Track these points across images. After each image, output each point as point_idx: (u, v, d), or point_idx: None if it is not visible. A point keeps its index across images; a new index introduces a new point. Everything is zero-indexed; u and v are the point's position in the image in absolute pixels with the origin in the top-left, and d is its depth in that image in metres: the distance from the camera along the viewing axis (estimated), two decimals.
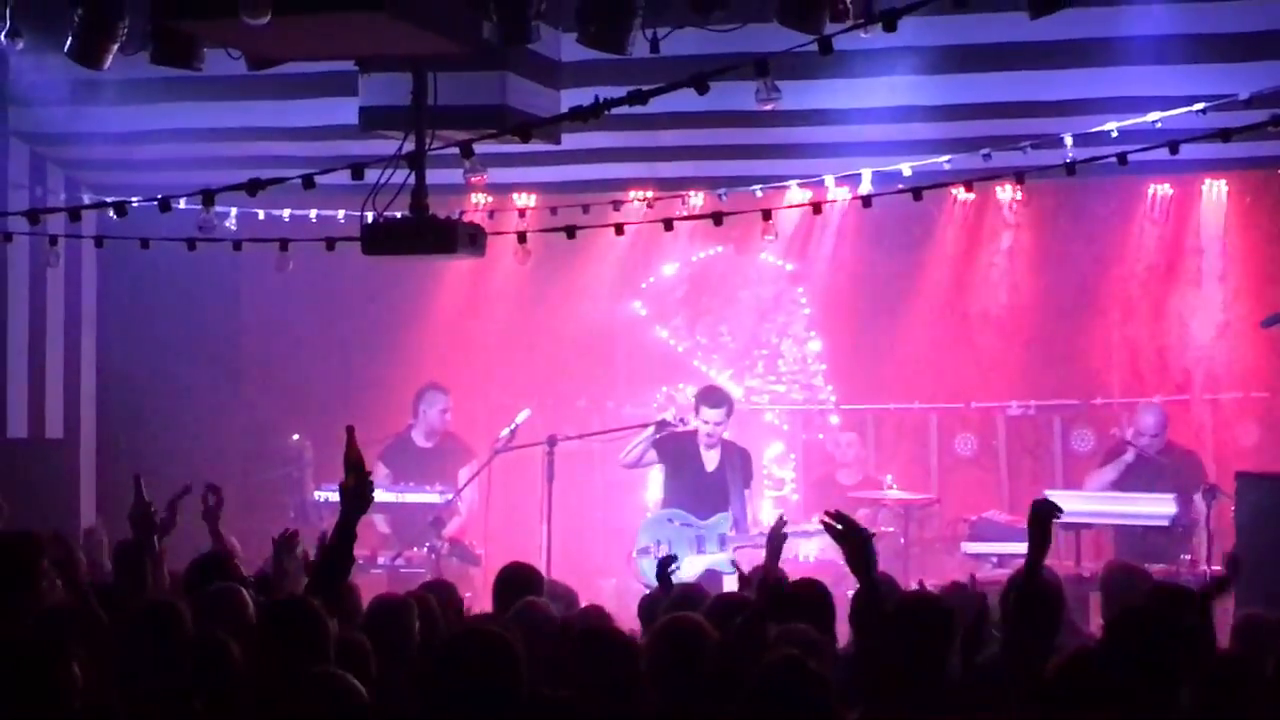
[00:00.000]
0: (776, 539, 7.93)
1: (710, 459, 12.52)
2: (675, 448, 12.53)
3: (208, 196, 9.38)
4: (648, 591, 9.34)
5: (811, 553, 13.00)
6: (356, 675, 6.15)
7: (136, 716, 5.71)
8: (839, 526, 6.60)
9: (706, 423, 12.43)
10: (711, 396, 12.62)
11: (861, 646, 6.70)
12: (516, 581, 8.19)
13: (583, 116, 7.82)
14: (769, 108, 8.13)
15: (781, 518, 8.48)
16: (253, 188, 8.95)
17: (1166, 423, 12.69)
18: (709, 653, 6.28)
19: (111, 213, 10.04)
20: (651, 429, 12.56)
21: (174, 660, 6.14)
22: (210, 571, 7.79)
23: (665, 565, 8.50)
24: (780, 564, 8.14)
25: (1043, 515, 6.66)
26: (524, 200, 13.54)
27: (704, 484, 12.47)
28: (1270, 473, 11.31)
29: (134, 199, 9.94)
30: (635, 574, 12.31)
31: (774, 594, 6.92)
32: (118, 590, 7.78)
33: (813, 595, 7.33)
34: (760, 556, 11.91)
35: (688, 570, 11.97)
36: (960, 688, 6.34)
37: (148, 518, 7.93)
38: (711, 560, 12.16)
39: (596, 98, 7.79)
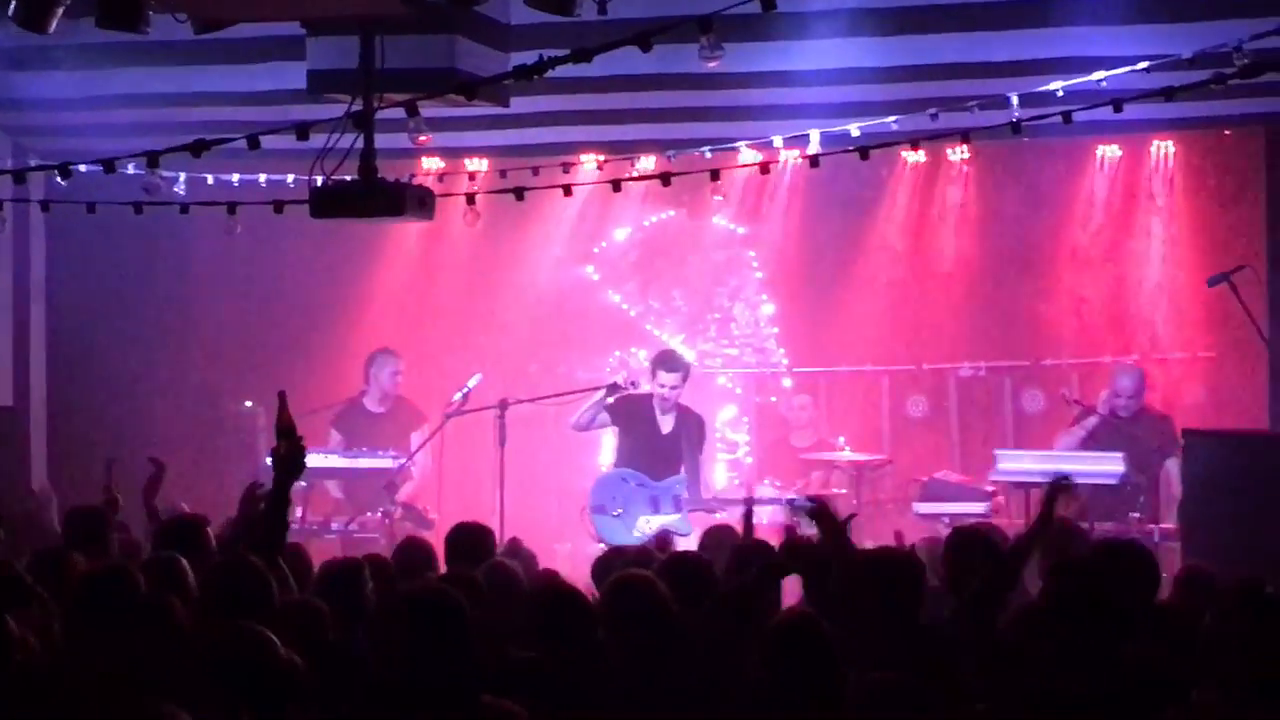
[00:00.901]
0: (748, 511, 8.42)
1: (666, 422, 12.56)
2: (629, 411, 12.56)
3: (152, 158, 9.36)
4: (602, 550, 9.40)
5: (765, 515, 13.05)
6: (311, 638, 6.23)
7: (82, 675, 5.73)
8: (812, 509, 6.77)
9: (663, 386, 12.46)
10: (668, 361, 12.65)
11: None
12: (467, 542, 8.22)
13: (527, 75, 7.82)
14: (712, 65, 8.13)
15: (749, 493, 8.64)
16: (198, 149, 8.93)
17: (1143, 386, 12.75)
18: (661, 607, 6.34)
19: (57, 175, 9.99)
20: (603, 392, 12.59)
21: (125, 621, 6.16)
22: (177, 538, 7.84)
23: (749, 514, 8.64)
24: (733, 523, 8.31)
25: (1058, 490, 6.76)
26: (475, 165, 13.53)
27: (659, 447, 12.50)
28: (1216, 431, 11.40)
29: (79, 164, 9.90)
30: (589, 531, 12.35)
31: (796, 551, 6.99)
32: (66, 552, 7.79)
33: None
34: (710, 520, 12.12)
35: (644, 529, 12.07)
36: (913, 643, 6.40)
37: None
38: (665, 520, 12.22)
39: (541, 57, 7.79)
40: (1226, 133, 13.34)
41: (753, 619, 6.23)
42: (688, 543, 11.22)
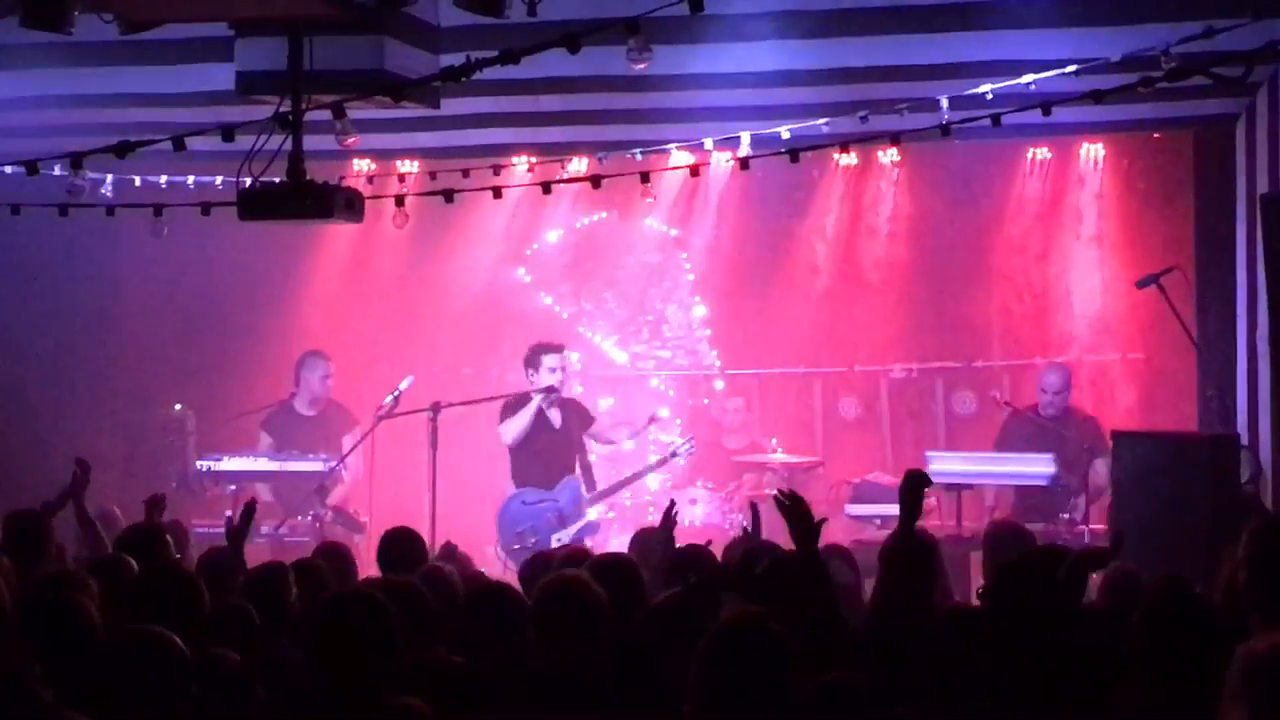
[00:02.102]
0: (668, 522, 8.28)
1: (555, 416, 12.60)
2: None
3: (76, 160, 9.29)
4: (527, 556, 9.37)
5: (698, 517, 13.09)
6: (239, 640, 6.24)
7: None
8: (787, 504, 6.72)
9: (553, 371, 12.48)
10: (550, 346, 12.72)
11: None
12: (400, 546, 8.21)
13: (455, 76, 7.80)
14: (641, 67, 8.13)
15: (672, 503, 8.56)
16: (122, 150, 8.87)
17: (1069, 383, 12.83)
18: (594, 608, 6.31)
19: None
20: (539, 396, 12.57)
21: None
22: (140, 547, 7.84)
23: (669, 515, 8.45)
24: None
25: (914, 484, 6.74)
26: (406, 167, 13.49)
27: (554, 445, 12.59)
28: (1146, 432, 11.47)
29: (1, 165, 9.81)
30: (510, 568, 11.83)
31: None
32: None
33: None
34: (613, 507, 12.23)
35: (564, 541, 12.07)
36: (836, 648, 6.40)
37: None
38: (574, 530, 12.26)
39: (468, 58, 7.76)
40: (1155, 136, 13.43)
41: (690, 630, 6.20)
42: (620, 543, 11.25)
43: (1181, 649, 5.56)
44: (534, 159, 12.92)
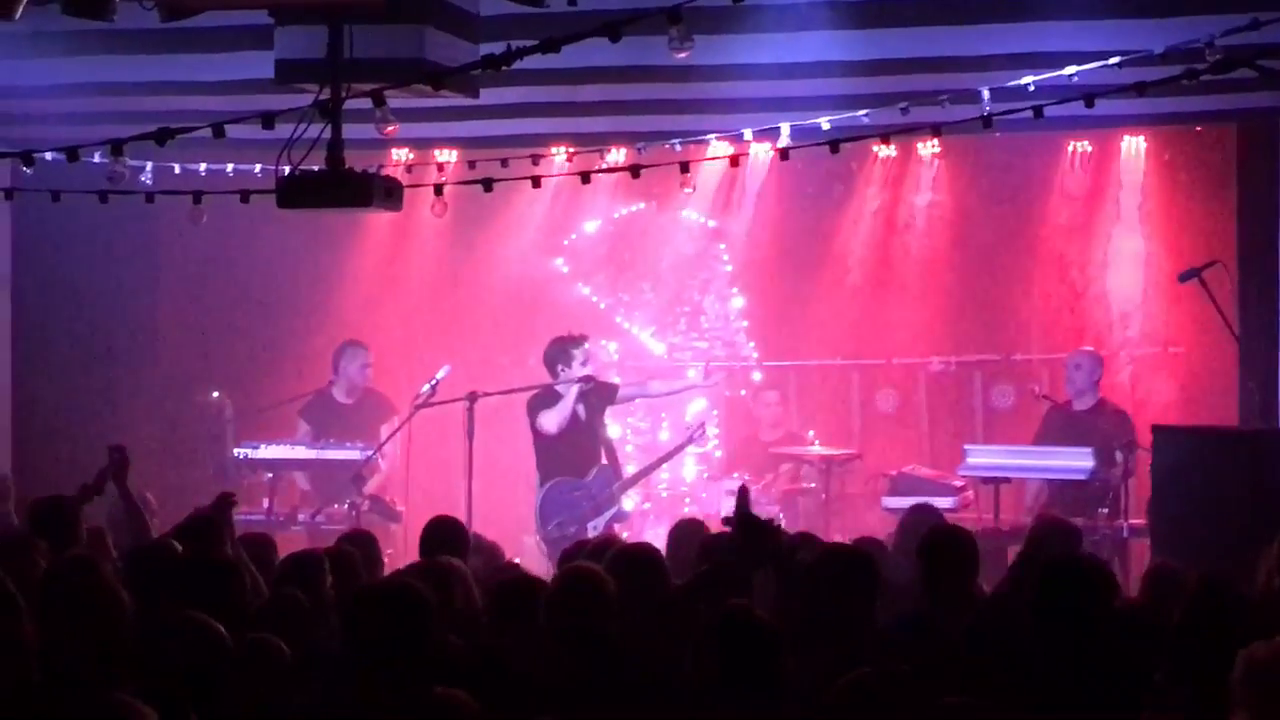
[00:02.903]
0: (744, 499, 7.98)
1: (580, 409, 12.59)
2: (548, 405, 12.60)
3: (116, 146, 9.29)
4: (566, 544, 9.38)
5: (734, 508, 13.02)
6: (289, 628, 6.26)
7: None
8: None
9: (584, 363, 12.50)
10: (575, 340, 12.68)
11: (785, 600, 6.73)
12: (441, 535, 8.21)
13: (495, 65, 7.77)
14: (682, 57, 8.09)
15: (745, 486, 8.40)
16: (162, 137, 8.87)
17: (1092, 366, 12.79)
18: (605, 601, 6.30)
19: (20, 163, 9.93)
20: (576, 388, 12.57)
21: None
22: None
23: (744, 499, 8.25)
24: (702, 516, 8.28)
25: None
26: (444, 156, 13.48)
27: (580, 438, 12.57)
28: (1186, 426, 11.41)
29: (43, 150, 9.83)
30: (550, 556, 11.92)
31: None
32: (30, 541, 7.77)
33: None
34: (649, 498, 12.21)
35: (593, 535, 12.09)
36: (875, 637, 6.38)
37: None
38: (607, 517, 12.28)
39: (508, 46, 7.74)
40: (1198, 129, 13.36)
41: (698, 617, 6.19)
42: (656, 535, 11.25)
43: (1221, 647, 5.52)
44: (572, 149, 12.89)
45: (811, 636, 6.24)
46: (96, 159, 10.37)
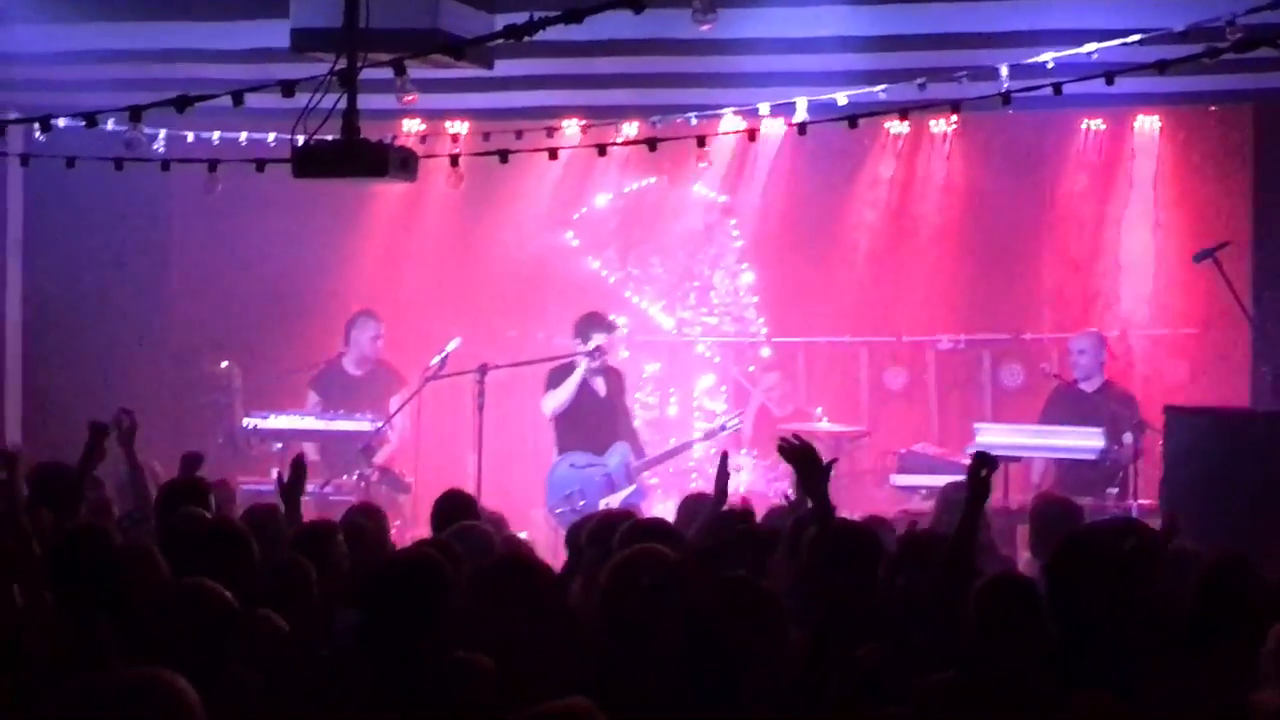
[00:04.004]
0: (723, 476, 8.06)
1: (600, 386, 12.57)
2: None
3: (135, 113, 9.22)
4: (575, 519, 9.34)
5: (742, 484, 13.03)
6: (297, 597, 6.24)
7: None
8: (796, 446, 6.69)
9: (600, 347, 12.50)
10: (600, 322, 12.67)
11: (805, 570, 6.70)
12: (454, 508, 8.19)
13: (517, 35, 7.71)
14: (706, 29, 8.07)
15: (724, 454, 8.43)
16: (181, 104, 8.82)
17: (1097, 348, 12.76)
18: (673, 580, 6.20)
19: (37, 129, 9.90)
20: (585, 362, 12.55)
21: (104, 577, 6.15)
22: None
23: (724, 467, 8.18)
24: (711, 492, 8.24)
25: (978, 465, 6.68)
26: (457, 127, 13.44)
27: (598, 414, 12.55)
28: (1198, 408, 11.38)
29: (59, 118, 9.81)
30: (555, 527, 12.13)
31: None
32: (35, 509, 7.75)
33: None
34: (662, 475, 12.20)
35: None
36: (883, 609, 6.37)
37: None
38: (623, 496, 12.23)
39: (531, 17, 7.70)
40: (1212, 108, 13.31)
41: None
42: (665, 509, 11.23)
43: (1240, 623, 5.52)
44: (585, 122, 12.84)
45: (815, 610, 6.20)
46: (110, 125, 10.34)
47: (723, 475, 8.15)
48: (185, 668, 4.90)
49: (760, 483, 13.18)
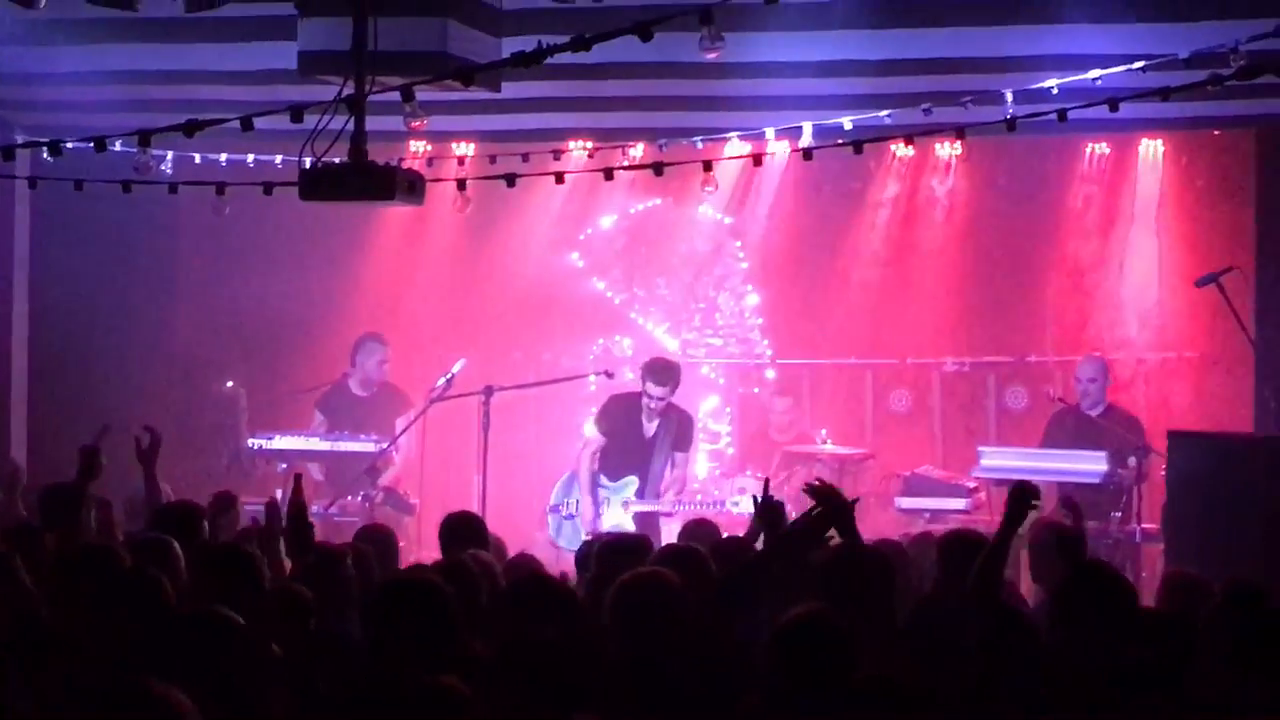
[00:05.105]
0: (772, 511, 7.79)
1: (650, 427, 12.52)
2: (616, 414, 12.57)
3: (144, 137, 9.27)
4: (586, 539, 9.38)
5: (746, 508, 13.01)
6: (296, 624, 6.26)
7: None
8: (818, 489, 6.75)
9: (650, 396, 12.40)
10: (658, 373, 12.46)
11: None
12: (462, 531, 8.21)
13: (525, 62, 7.76)
14: (713, 56, 8.10)
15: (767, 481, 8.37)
16: (190, 129, 8.86)
17: (1105, 374, 12.77)
18: (675, 604, 6.26)
19: (46, 153, 9.93)
20: (594, 378, 12.61)
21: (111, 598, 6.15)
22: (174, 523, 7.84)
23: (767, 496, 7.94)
24: (714, 516, 8.26)
25: (1020, 497, 6.69)
26: (463, 149, 13.48)
27: (635, 449, 12.50)
28: (1201, 432, 11.40)
29: (68, 141, 9.83)
30: (544, 528, 12.50)
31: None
32: (41, 530, 7.77)
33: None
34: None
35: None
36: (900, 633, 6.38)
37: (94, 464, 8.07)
38: (609, 523, 12.22)
39: (540, 44, 7.73)
40: (1216, 133, 13.34)
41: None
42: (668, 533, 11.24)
43: (1262, 652, 5.52)
44: (592, 144, 12.86)
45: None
46: (118, 147, 10.37)
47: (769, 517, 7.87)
48: (192, 690, 4.93)
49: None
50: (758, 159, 11.67)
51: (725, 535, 8.64)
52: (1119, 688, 5.62)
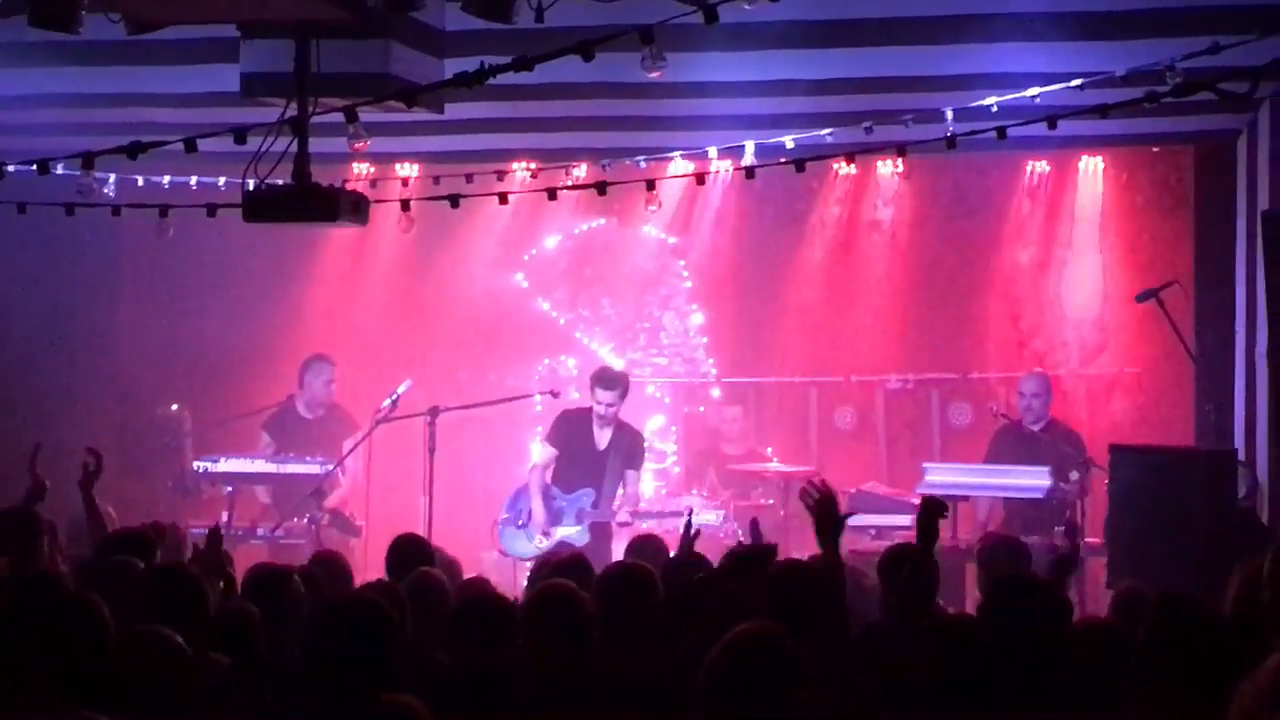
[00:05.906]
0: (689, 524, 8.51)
1: (602, 438, 12.51)
2: (569, 425, 12.56)
3: (88, 159, 9.27)
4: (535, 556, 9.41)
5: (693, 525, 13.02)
6: (242, 643, 6.25)
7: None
8: (816, 496, 6.78)
9: (599, 404, 12.41)
10: (605, 379, 12.52)
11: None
12: (408, 552, 8.21)
13: (468, 83, 7.79)
14: (655, 75, 8.14)
15: (690, 513, 8.63)
16: (134, 151, 8.86)
17: (1048, 390, 12.83)
18: (582, 617, 6.35)
19: None
20: (538, 398, 12.60)
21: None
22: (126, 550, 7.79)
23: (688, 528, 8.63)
24: (663, 533, 8.31)
25: (930, 511, 6.77)
26: (407, 170, 13.48)
27: (589, 461, 12.47)
28: (1142, 446, 11.48)
29: (10, 164, 9.81)
30: (495, 541, 12.53)
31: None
32: None
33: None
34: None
35: (540, 543, 12.11)
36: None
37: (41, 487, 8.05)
38: (566, 532, 12.23)
39: (482, 64, 7.76)
40: (1155, 150, 13.46)
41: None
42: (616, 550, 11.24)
43: (1193, 664, 5.56)
44: (535, 164, 12.89)
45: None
46: (61, 170, 10.35)
47: (687, 536, 8.51)
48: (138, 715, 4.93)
49: (712, 524, 13.16)
50: (700, 178, 11.72)
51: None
52: (1049, 701, 5.66)
